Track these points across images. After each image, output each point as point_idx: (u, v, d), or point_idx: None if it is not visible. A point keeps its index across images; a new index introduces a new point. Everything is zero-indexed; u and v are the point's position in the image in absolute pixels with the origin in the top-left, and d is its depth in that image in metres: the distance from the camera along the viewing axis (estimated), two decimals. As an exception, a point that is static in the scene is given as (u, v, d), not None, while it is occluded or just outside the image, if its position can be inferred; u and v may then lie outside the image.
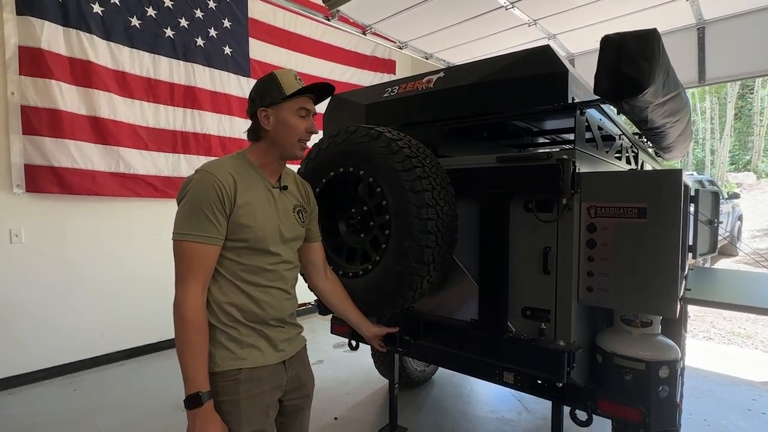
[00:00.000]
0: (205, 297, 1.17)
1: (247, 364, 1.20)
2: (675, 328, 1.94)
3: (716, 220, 2.39)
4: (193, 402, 1.10)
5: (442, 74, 1.96)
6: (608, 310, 1.76)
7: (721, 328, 4.96)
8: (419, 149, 1.61)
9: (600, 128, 1.84)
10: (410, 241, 1.51)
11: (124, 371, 3.49)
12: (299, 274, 1.47)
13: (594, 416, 1.58)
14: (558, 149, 1.64)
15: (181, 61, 3.91)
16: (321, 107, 1.65)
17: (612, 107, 1.57)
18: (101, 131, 3.42)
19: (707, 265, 5.58)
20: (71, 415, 2.76)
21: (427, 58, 4.93)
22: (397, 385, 2.56)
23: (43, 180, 3.14)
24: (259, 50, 4.49)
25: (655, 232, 1.38)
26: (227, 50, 4.23)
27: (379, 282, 1.61)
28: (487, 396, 3.05)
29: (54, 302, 3.29)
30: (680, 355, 1.61)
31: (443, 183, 1.59)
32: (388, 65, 5.90)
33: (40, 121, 3.11)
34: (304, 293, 1.58)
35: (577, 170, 1.49)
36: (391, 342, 1.75)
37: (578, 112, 1.55)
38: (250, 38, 4.42)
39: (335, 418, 2.73)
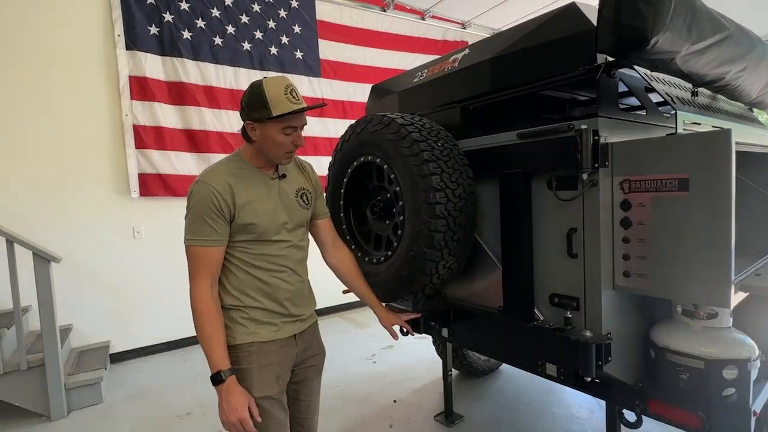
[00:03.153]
0: (215, 289, 1.30)
1: (260, 338, 1.33)
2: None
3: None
4: (216, 379, 1.24)
5: (467, 51, 1.87)
6: (667, 300, 1.52)
7: None
8: (431, 132, 1.57)
9: (650, 90, 1.57)
10: (420, 226, 1.49)
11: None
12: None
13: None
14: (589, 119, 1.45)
15: (258, 71, 4.29)
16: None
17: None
18: (195, 142, 3.96)
19: None
20: (177, 382, 3.29)
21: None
22: (450, 372, 2.54)
23: (153, 185, 3.76)
24: (328, 49, 4.70)
25: (700, 207, 1.16)
26: (298, 54, 4.52)
27: (397, 268, 1.62)
28: (561, 391, 2.84)
29: (168, 287, 3.91)
30: (757, 353, 1.33)
31: (456, 165, 1.54)
32: (460, 48, 5.70)
33: (148, 137, 3.72)
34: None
35: (604, 141, 1.32)
36: (415, 327, 1.75)
37: (604, 74, 1.36)
38: (319, 39, 4.66)
39: (394, 401, 2.81)
